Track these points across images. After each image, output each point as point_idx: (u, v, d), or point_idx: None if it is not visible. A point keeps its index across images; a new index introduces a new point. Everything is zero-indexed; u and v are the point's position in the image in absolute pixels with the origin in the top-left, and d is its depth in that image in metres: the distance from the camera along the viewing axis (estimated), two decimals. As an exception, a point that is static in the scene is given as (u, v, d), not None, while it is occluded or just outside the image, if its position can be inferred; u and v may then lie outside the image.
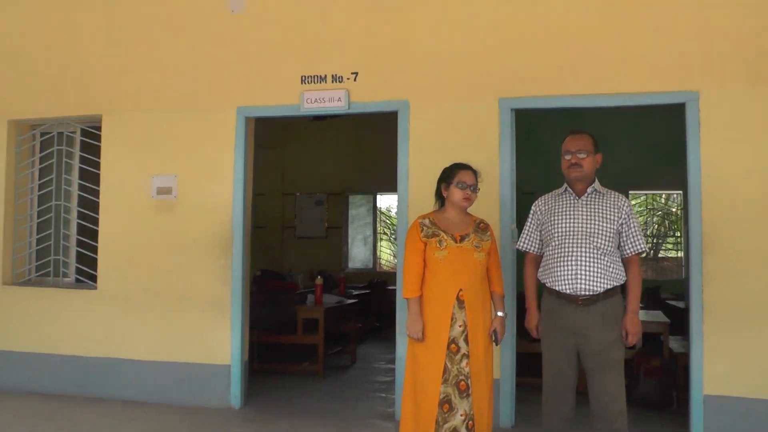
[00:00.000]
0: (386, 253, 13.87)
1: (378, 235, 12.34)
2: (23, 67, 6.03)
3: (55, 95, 5.92)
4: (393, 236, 13.97)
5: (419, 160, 5.02)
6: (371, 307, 9.47)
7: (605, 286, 3.48)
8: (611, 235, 3.53)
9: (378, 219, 12.49)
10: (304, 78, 5.27)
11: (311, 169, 11.24)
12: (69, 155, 6.07)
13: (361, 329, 7.91)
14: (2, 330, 5.91)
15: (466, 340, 3.62)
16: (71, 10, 5.93)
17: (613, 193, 3.66)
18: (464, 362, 3.60)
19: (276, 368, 6.56)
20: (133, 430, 4.79)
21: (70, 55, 5.89)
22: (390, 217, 14.54)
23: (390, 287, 10.42)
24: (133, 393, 5.49)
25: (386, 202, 13.73)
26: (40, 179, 6.17)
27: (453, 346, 3.61)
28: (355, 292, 8.72)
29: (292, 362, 6.77)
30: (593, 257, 3.50)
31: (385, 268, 12.96)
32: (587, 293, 3.47)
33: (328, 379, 6.38)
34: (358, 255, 11.99)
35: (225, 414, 5.14)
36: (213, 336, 5.32)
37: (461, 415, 3.56)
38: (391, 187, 11.09)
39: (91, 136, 5.94)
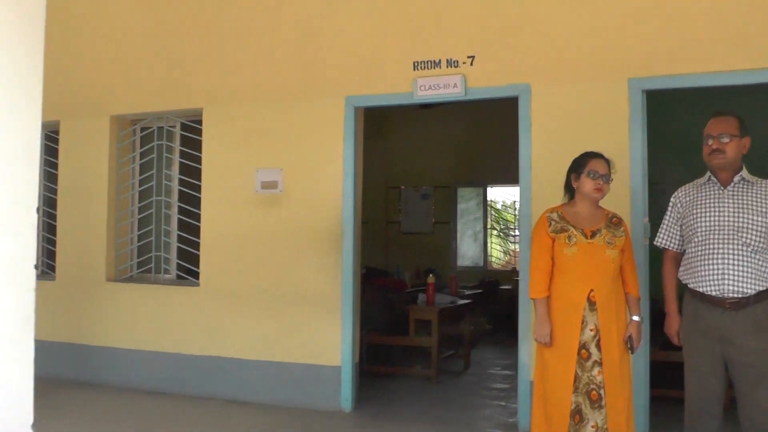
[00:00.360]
0: (497, 250, 13.82)
1: (488, 231, 12.31)
2: (124, 63, 6.44)
3: (155, 90, 6.30)
4: (504, 232, 13.92)
5: (542, 149, 5.00)
6: (483, 308, 9.50)
7: (756, 287, 3.35)
8: (763, 229, 3.38)
9: (488, 213, 12.47)
10: (416, 64, 5.36)
11: (416, 160, 11.32)
12: (169, 150, 6.44)
13: (472, 332, 7.97)
14: (106, 326, 6.35)
15: (598, 346, 3.57)
16: (172, 6, 6.29)
17: (763, 181, 3.50)
18: (596, 370, 3.57)
19: (386, 371, 6.71)
20: (241, 430, 5.05)
21: (170, 50, 6.25)
22: (499, 211, 14.46)
23: (503, 287, 10.41)
24: (237, 392, 5.77)
25: (496, 194, 13.71)
26: (140, 175, 6.58)
27: (583, 351, 3.58)
28: (467, 292, 8.76)
29: (403, 365, 6.92)
30: (742, 255, 3.37)
31: (495, 266, 12.92)
32: (736, 295, 3.36)
33: (441, 385, 6.46)
34: (467, 252, 12.01)
35: (335, 417, 5.32)
36: (322, 336, 5.50)
37: (592, 427, 3.53)
38: (502, 178, 11.22)
39: (191, 130, 6.29)
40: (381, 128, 10.82)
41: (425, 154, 11.26)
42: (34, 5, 3.06)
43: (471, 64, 5.24)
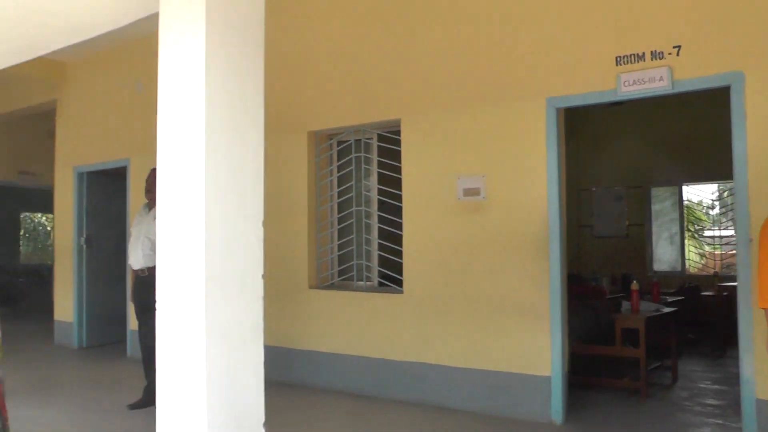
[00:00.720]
0: (694, 254, 13.07)
1: (685, 233, 11.69)
2: (322, 80, 6.79)
3: (352, 105, 6.58)
4: (698, 232, 13.20)
5: (759, 142, 4.69)
6: (684, 316, 9.00)
7: None
8: None
9: (685, 214, 11.84)
10: (619, 58, 5.19)
11: (608, 160, 11.00)
12: (367, 161, 6.71)
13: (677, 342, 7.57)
14: (310, 331, 6.73)
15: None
16: (365, 23, 6.54)
17: None
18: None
19: (591, 382, 6.52)
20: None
21: (365, 65, 6.50)
22: (694, 211, 13.69)
23: (705, 293, 9.85)
24: (444, 399, 5.87)
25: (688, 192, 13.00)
26: (339, 186, 6.93)
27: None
28: (669, 299, 8.35)
29: (610, 376, 6.68)
30: None
31: (691, 270, 12.23)
32: None
33: (651, 399, 6.21)
34: (663, 256, 11.47)
35: (546, 429, 5.26)
36: (530, 344, 5.46)
37: None
38: (699, 176, 10.59)
39: (388, 140, 6.50)
40: (570, 127, 10.52)
41: (616, 153, 10.91)
42: (256, 43, 3.32)
43: (677, 54, 5.01)
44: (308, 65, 6.89)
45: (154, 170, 6.05)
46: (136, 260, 6.02)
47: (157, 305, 3.22)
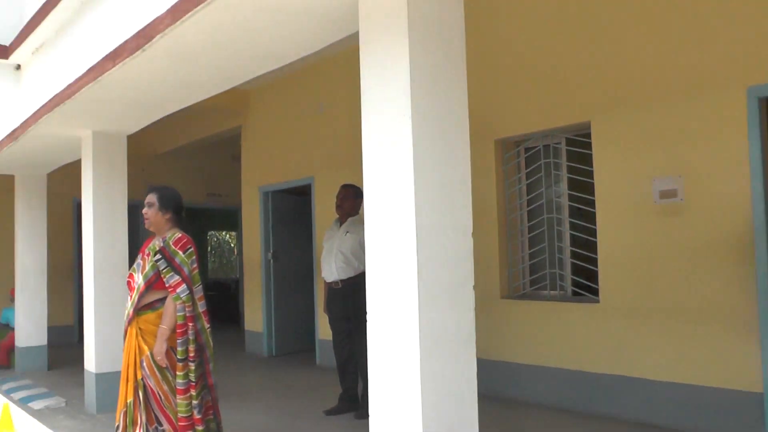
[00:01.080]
0: None
1: None
2: (507, 86, 6.66)
3: (539, 110, 6.40)
4: None
5: None
6: None
7: None
8: None
9: None
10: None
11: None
12: (556, 166, 6.54)
13: None
14: (503, 342, 6.61)
15: None
16: (551, 25, 6.32)
17: None
18: None
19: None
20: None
21: (552, 69, 6.29)
22: None
23: None
24: (645, 414, 5.54)
25: None
26: (528, 194, 6.80)
27: None
28: None
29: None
30: None
31: None
32: None
33: None
34: None
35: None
36: (737, 357, 5.01)
37: None
38: None
39: (577, 144, 6.28)
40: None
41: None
42: (458, 55, 3.33)
43: None
44: (493, 72, 6.76)
45: (344, 186, 6.22)
46: (329, 273, 6.19)
47: (368, 317, 3.27)
